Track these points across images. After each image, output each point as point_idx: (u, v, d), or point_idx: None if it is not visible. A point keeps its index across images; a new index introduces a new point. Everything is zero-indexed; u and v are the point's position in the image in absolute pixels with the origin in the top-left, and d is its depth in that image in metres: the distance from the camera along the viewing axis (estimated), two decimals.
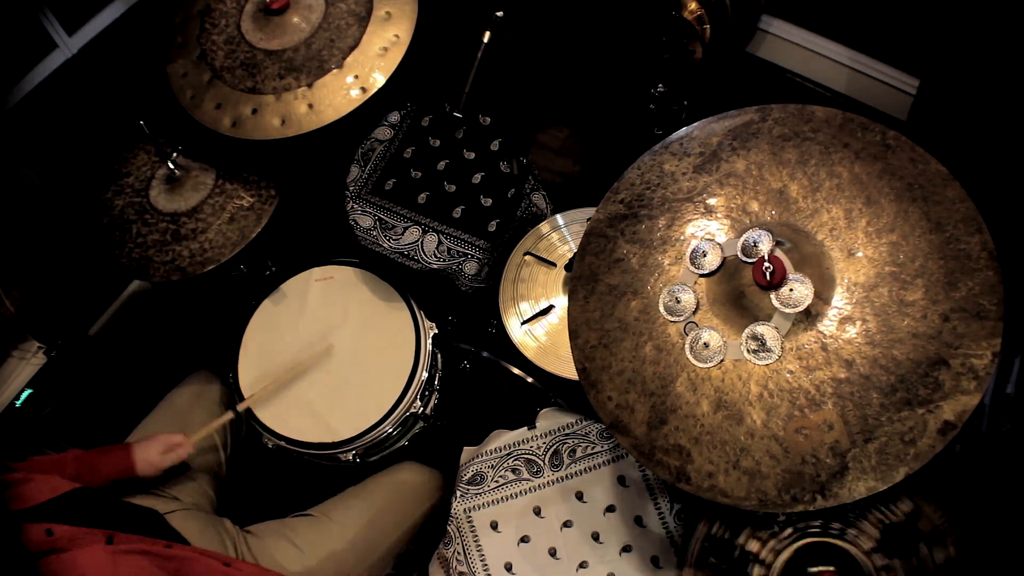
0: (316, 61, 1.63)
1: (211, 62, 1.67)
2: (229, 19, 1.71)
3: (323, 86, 1.61)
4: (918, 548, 1.15)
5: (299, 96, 1.61)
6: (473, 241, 1.76)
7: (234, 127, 1.62)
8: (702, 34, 1.80)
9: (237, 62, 1.66)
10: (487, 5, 1.70)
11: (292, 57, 1.64)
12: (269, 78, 1.63)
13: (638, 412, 1.16)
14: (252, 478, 1.87)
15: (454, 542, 1.55)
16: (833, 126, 1.20)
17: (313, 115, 1.60)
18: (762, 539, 1.21)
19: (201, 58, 1.68)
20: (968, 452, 1.41)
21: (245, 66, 1.65)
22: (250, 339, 1.82)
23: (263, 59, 1.65)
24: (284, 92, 1.61)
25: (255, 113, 1.62)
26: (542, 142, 2.50)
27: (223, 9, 1.72)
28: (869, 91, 2.08)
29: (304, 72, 1.62)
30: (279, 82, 1.62)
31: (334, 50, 1.63)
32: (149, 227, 1.73)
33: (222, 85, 1.65)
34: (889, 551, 1.16)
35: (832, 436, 1.03)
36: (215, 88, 1.65)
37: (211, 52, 1.68)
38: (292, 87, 1.61)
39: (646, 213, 1.27)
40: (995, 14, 1.53)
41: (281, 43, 1.65)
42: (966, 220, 1.07)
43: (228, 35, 1.69)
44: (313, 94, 1.61)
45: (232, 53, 1.67)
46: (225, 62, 1.67)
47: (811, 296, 1.08)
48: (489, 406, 1.86)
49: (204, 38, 1.70)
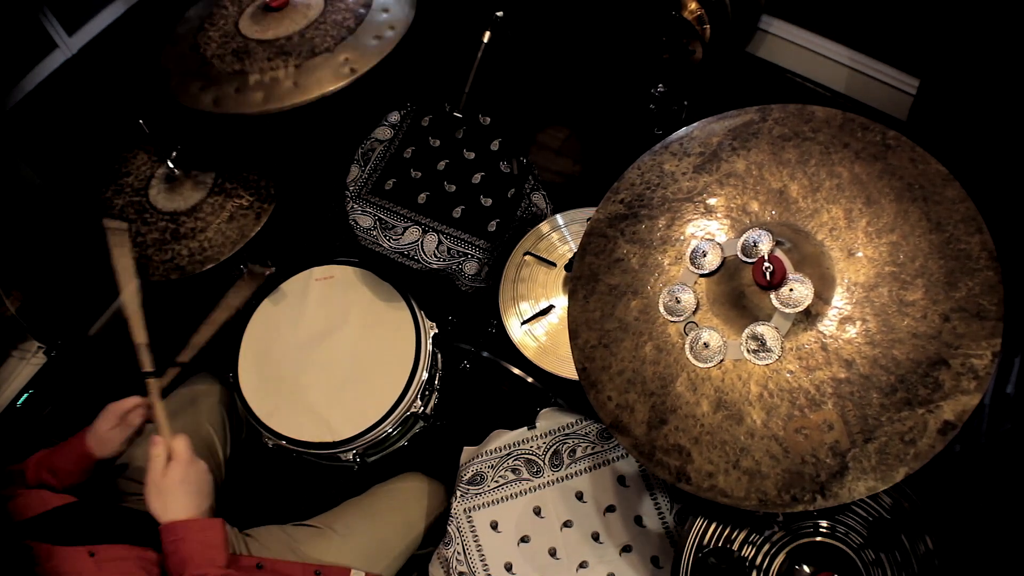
0: (307, 46, 1.62)
1: (203, 52, 1.66)
2: (228, 19, 1.71)
3: (311, 66, 1.59)
4: (901, 541, 1.16)
5: (285, 76, 1.58)
6: (473, 241, 1.76)
7: (215, 104, 1.58)
8: (702, 34, 1.80)
9: (228, 50, 1.65)
10: (487, 5, 1.70)
11: (284, 44, 1.62)
12: (257, 61, 1.61)
13: (638, 412, 1.16)
14: (252, 478, 1.87)
15: (454, 542, 1.55)
16: (833, 126, 1.20)
17: (297, 91, 1.56)
18: (755, 543, 1.22)
19: (193, 49, 1.67)
20: (968, 452, 1.41)
21: (236, 52, 1.64)
22: (250, 339, 1.82)
23: (255, 47, 1.64)
24: (270, 71, 1.59)
25: (238, 92, 1.58)
26: (542, 142, 2.50)
27: (225, 12, 1.72)
28: (869, 91, 2.09)
29: (294, 55, 1.61)
30: (267, 63, 1.60)
31: (327, 38, 1.62)
32: (149, 226, 1.74)
33: (210, 69, 1.63)
34: (876, 546, 1.17)
35: (832, 436, 1.03)
36: (202, 71, 1.63)
37: (204, 44, 1.67)
38: (280, 66, 1.59)
39: (646, 213, 1.27)
40: (995, 14, 1.53)
41: (275, 33, 1.65)
42: (966, 220, 1.07)
43: (224, 31, 1.69)
44: (299, 73, 1.58)
45: (224, 44, 1.66)
46: (216, 51, 1.66)
47: (811, 296, 1.08)
48: (489, 406, 1.86)
49: (200, 36, 1.69)
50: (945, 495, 1.25)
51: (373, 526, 1.63)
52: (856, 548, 1.19)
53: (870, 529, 1.18)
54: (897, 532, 1.17)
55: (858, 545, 1.19)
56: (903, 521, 1.17)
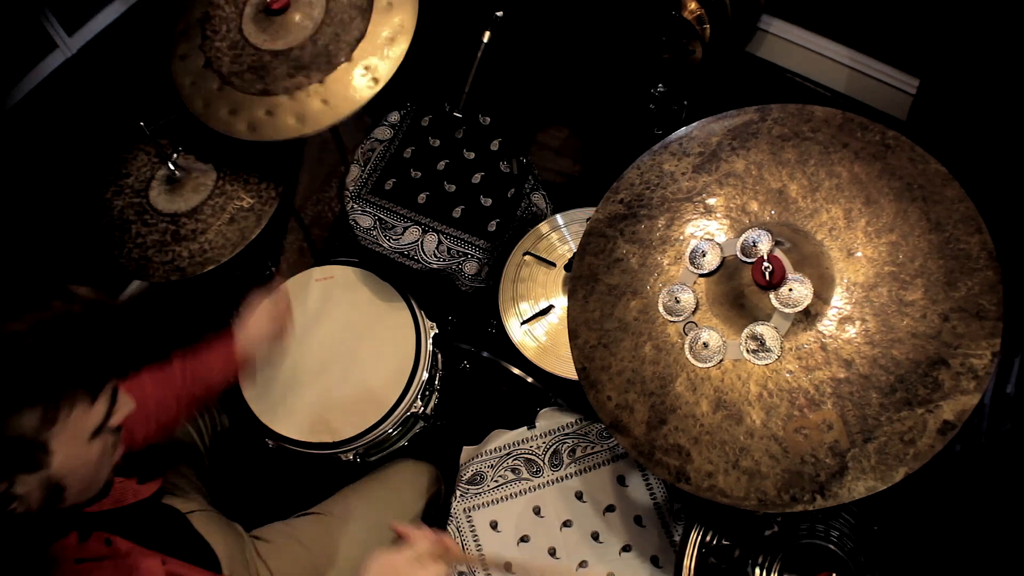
0: (324, 56, 1.62)
1: (218, 69, 1.66)
2: (230, 24, 1.70)
3: (335, 81, 1.60)
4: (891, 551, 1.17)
5: (311, 93, 1.60)
6: (473, 241, 1.77)
7: (251, 131, 1.61)
8: (702, 34, 1.80)
9: (244, 66, 1.65)
10: (487, 5, 1.70)
11: (299, 55, 1.63)
12: (279, 78, 1.62)
13: (638, 412, 1.16)
14: (253, 479, 1.87)
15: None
16: (833, 126, 1.20)
17: (329, 110, 1.58)
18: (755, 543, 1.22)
19: (207, 66, 1.67)
20: (968, 452, 1.41)
21: (253, 69, 1.64)
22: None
23: (270, 60, 1.64)
24: (296, 91, 1.61)
25: (270, 115, 1.61)
26: (542, 142, 2.50)
27: (222, 15, 1.71)
28: (869, 91, 2.09)
29: (314, 68, 1.61)
30: (290, 81, 1.61)
31: (341, 43, 1.62)
32: (149, 227, 1.73)
33: (232, 90, 1.64)
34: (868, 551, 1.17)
35: (831, 436, 1.03)
36: (226, 94, 1.65)
37: (216, 59, 1.67)
38: (304, 85, 1.61)
39: (646, 213, 1.27)
40: (995, 14, 1.53)
41: (286, 42, 1.64)
42: (966, 220, 1.07)
43: (231, 40, 1.68)
44: (326, 89, 1.60)
45: (238, 58, 1.66)
46: (232, 67, 1.66)
47: (810, 296, 1.08)
48: (489, 406, 1.86)
49: (207, 46, 1.69)
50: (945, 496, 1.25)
51: (370, 509, 1.65)
52: (848, 552, 1.19)
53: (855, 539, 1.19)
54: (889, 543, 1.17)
55: (849, 549, 1.19)
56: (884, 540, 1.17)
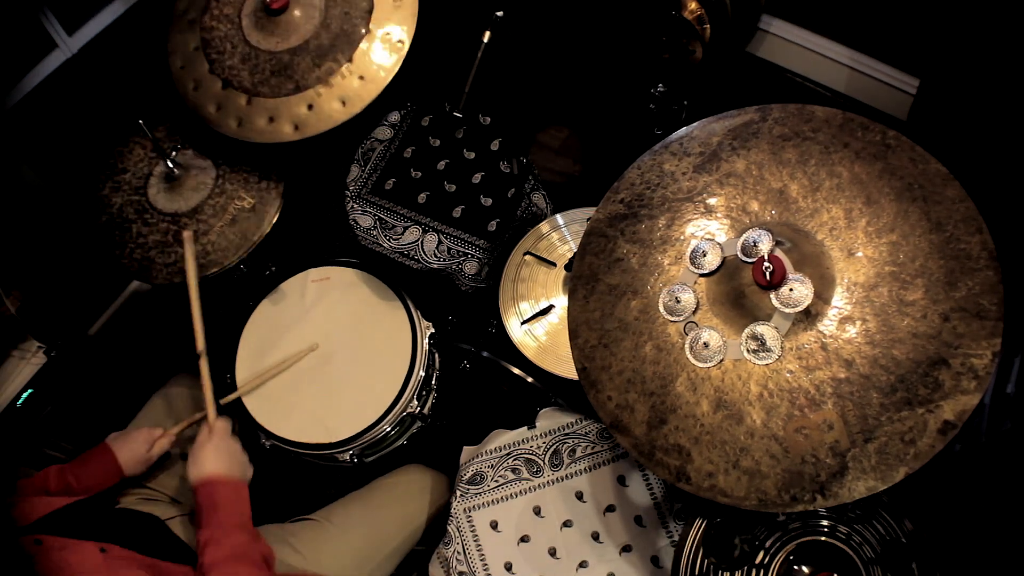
0: (343, 36, 1.59)
1: (239, 85, 1.62)
2: (233, 40, 1.65)
3: (362, 55, 1.58)
4: (911, 567, 1.16)
5: (345, 74, 1.57)
6: (473, 241, 1.76)
7: (297, 130, 1.59)
8: (702, 34, 1.80)
9: (266, 73, 1.61)
10: (487, 5, 1.70)
11: (318, 44, 1.60)
12: (307, 72, 1.59)
13: (638, 412, 1.16)
14: (250, 480, 1.86)
15: (454, 542, 1.55)
16: (833, 126, 1.20)
17: (368, 83, 1.56)
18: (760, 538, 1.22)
19: (227, 86, 1.63)
20: (968, 452, 1.41)
21: (277, 72, 1.61)
22: (247, 340, 1.82)
23: (290, 59, 1.60)
24: (329, 77, 1.58)
25: (311, 108, 1.58)
26: (542, 142, 2.50)
27: (220, 35, 1.66)
28: (869, 91, 2.08)
29: (338, 51, 1.58)
30: (319, 71, 1.58)
31: (354, 20, 1.59)
32: (150, 227, 1.72)
33: (263, 99, 1.61)
34: (885, 565, 1.17)
35: (832, 436, 1.03)
36: (257, 105, 1.62)
37: (234, 76, 1.63)
38: (335, 69, 1.58)
39: (646, 213, 1.27)
40: (995, 14, 1.53)
41: (299, 37, 1.61)
42: (966, 220, 1.07)
43: (241, 54, 1.64)
44: (357, 66, 1.57)
45: (256, 67, 1.62)
46: (254, 78, 1.62)
47: (811, 296, 1.08)
48: (489, 406, 1.86)
49: (217, 68, 1.65)
50: (948, 498, 1.25)
51: (370, 519, 1.64)
52: (864, 560, 1.19)
53: (884, 548, 1.18)
54: (910, 559, 1.17)
55: (867, 559, 1.18)
56: (919, 550, 1.17)
